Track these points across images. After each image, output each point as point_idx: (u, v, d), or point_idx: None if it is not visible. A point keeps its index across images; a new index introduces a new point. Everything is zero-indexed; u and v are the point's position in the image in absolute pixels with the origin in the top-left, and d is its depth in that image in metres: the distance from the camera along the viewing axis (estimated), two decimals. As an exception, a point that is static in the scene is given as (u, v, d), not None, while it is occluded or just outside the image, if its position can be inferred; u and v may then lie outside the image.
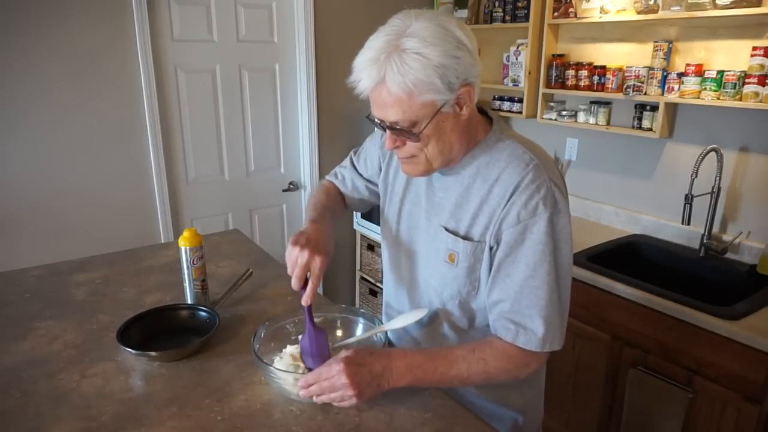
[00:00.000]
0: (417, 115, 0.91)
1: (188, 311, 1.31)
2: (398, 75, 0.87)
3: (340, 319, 1.22)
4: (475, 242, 1.01)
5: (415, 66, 0.86)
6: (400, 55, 0.87)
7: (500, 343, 0.99)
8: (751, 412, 1.60)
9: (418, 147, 0.96)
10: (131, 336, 1.19)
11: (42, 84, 2.19)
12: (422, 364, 0.96)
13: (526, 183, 0.96)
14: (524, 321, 0.97)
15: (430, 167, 1.00)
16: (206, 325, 1.26)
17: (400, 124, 0.93)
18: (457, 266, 1.04)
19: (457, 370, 0.96)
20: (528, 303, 0.96)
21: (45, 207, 2.30)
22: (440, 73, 0.88)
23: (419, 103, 0.90)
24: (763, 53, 1.80)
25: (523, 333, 0.97)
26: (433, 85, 0.88)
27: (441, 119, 0.94)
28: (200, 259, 1.33)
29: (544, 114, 2.60)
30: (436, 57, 0.87)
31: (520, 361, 0.99)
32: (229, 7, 2.57)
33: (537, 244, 0.95)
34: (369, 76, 0.90)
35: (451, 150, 0.99)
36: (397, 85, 0.88)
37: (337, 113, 2.95)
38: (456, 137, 0.98)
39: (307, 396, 0.95)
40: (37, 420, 0.97)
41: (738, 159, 2.07)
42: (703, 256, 2.11)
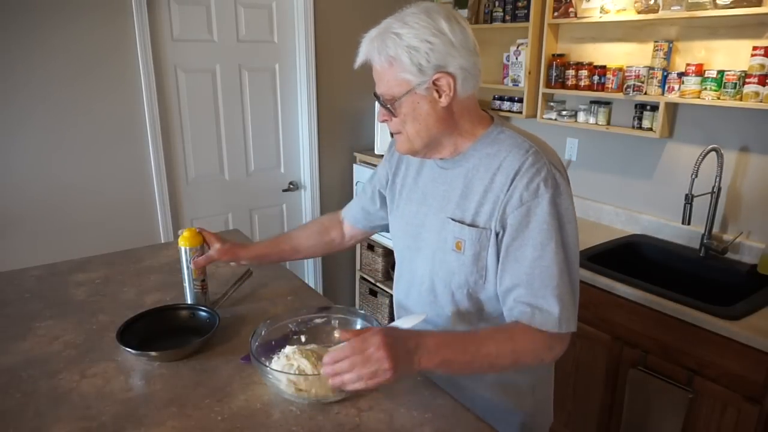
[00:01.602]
0: (394, 91, 1.01)
1: (188, 311, 1.31)
2: (376, 51, 0.99)
3: (338, 320, 1.22)
4: (480, 229, 1.03)
5: (389, 44, 0.98)
6: (383, 36, 0.99)
7: (522, 325, 0.99)
8: (751, 412, 1.60)
9: (399, 123, 1.04)
10: (131, 336, 1.19)
11: (42, 84, 2.19)
12: (451, 344, 0.95)
13: (527, 167, 0.99)
14: (539, 302, 0.97)
15: (412, 146, 1.07)
16: (206, 325, 1.26)
17: (383, 97, 1.03)
18: (463, 254, 1.05)
19: (487, 350, 0.95)
20: (540, 284, 0.97)
21: (45, 207, 2.30)
22: (410, 54, 0.96)
23: (395, 79, 0.99)
24: (763, 53, 1.79)
25: (539, 314, 0.97)
26: (402, 64, 0.97)
27: (415, 100, 1.01)
28: None
29: (544, 114, 2.60)
30: (408, 38, 0.96)
31: (544, 343, 0.98)
32: (229, 7, 2.57)
33: (542, 224, 0.97)
34: (361, 52, 1.03)
35: (428, 134, 1.04)
36: (378, 61, 1.00)
37: (337, 113, 2.95)
38: (434, 122, 1.03)
39: (331, 374, 0.88)
40: (37, 420, 0.97)
41: (738, 159, 2.07)
42: (703, 256, 2.11)
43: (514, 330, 0.99)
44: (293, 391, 0.99)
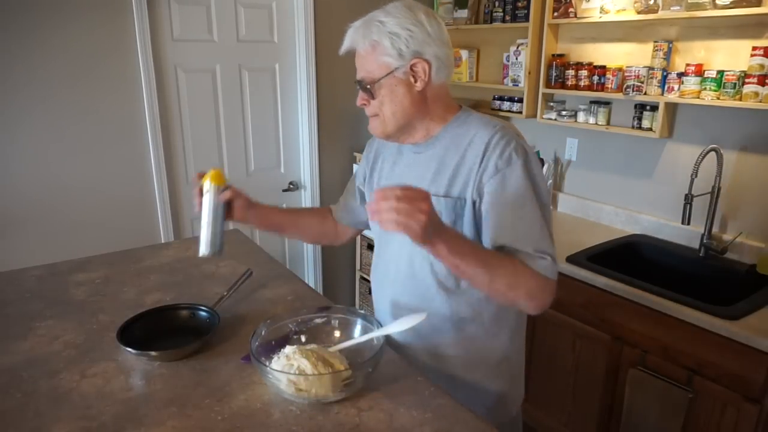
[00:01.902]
0: (374, 74, 1.10)
1: (188, 311, 1.31)
2: (363, 37, 1.10)
3: (338, 320, 1.22)
4: (454, 198, 1.11)
5: (373, 30, 1.08)
6: (368, 24, 1.10)
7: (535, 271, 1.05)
8: (751, 412, 1.61)
9: (377, 105, 1.13)
10: (131, 336, 1.19)
11: (42, 84, 2.19)
12: (468, 241, 1.04)
13: (497, 139, 1.09)
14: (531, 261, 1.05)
15: (386, 128, 1.15)
16: (206, 325, 1.26)
17: (364, 81, 1.12)
18: None
19: (493, 264, 1.02)
20: (525, 241, 1.05)
21: (45, 207, 2.30)
22: (391, 39, 1.07)
23: (376, 62, 1.09)
24: (762, 53, 1.80)
25: (530, 261, 1.05)
26: (385, 48, 1.08)
27: (393, 82, 1.10)
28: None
29: (544, 114, 2.60)
30: (390, 25, 1.07)
31: (538, 283, 1.05)
32: (229, 7, 2.57)
33: (518, 188, 1.06)
34: (348, 39, 1.14)
35: (403, 115, 1.13)
36: (362, 45, 1.11)
37: (337, 113, 2.95)
38: (409, 104, 1.12)
39: (382, 199, 0.90)
40: (37, 420, 0.97)
41: (738, 159, 2.07)
42: (703, 256, 2.11)
43: (518, 264, 1.05)
44: (293, 391, 1.00)
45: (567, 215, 2.69)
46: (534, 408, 2.32)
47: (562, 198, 2.73)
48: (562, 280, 2.07)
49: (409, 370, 1.13)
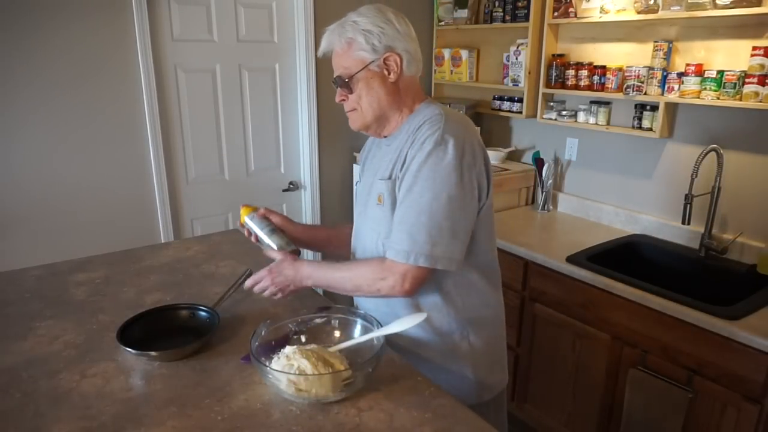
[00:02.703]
0: (351, 69, 1.19)
1: (188, 311, 1.31)
2: (337, 36, 1.20)
3: (338, 320, 1.22)
4: (392, 180, 1.20)
5: (348, 29, 1.18)
6: (343, 25, 1.20)
7: (375, 258, 1.21)
8: (751, 412, 1.60)
9: (355, 99, 1.22)
10: (131, 335, 1.19)
11: (42, 84, 2.19)
12: (315, 273, 1.24)
13: (427, 125, 1.16)
14: (393, 237, 1.14)
15: (364, 119, 1.24)
16: (206, 325, 1.26)
17: (342, 76, 1.20)
18: (383, 205, 1.21)
19: (336, 275, 1.22)
20: (398, 221, 1.14)
21: (45, 207, 2.30)
22: (365, 36, 1.17)
23: (352, 58, 1.19)
24: (763, 53, 1.80)
25: (390, 248, 1.14)
26: (359, 44, 1.17)
27: (369, 75, 1.19)
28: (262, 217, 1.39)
29: (544, 114, 2.60)
30: (363, 24, 1.17)
31: (378, 271, 1.15)
32: (229, 7, 2.57)
33: (412, 173, 1.13)
34: (324, 40, 1.23)
35: (380, 106, 1.22)
36: (338, 44, 1.20)
37: (337, 113, 2.95)
38: (384, 95, 1.21)
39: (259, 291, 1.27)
40: (37, 420, 0.97)
41: (738, 159, 2.07)
42: (703, 256, 2.11)
43: (360, 262, 1.24)
44: (293, 391, 1.00)
45: (567, 215, 2.69)
46: (534, 408, 2.32)
47: (562, 198, 2.73)
48: (562, 280, 2.08)
49: (409, 370, 1.13)
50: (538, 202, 2.75)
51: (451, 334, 1.25)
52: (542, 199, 2.72)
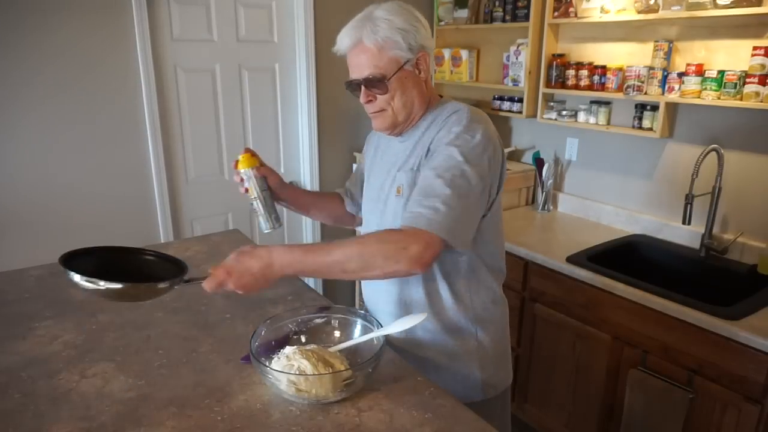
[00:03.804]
0: (385, 69, 1.14)
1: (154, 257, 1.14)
2: (372, 33, 1.13)
3: (338, 320, 1.22)
4: (414, 171, 1.18)
5: (384, 26, 1.13)
6: (373, 21, 1.14)
7: (385, 230, 1.09)
8: (751, 412, 1.60)
9: (386, 100, 1.18)
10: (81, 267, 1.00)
11: (42, 84, 2.19)
12: (301, 259, 1.04)
13: (454, 116, 1.16)
14: (413, 207, 1.08)
15: (395, 120, 1.20)
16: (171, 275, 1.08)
17: (372, 77, 1.15)
18: (402, 196, 1.19)
19: (334, 257, 1.04)
20: (421, 194, 1.09)
21: (45, 207, 2.29)
22: (402, 35, 1.13)
23: (387, 57, 1.14)
24: (763, 53, 1.79)
25: (409, 216, 1.07)
26: (397, 44, 1.13)
27: (404, 75, 1.16)
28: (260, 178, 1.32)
29: (545, 114, 2.60)
30: (399, 22, 1.13)
31: (399, 240, 1.03)
32: (229, 6, 2.56)
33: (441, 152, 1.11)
34: (349, 37, 1.16)
35: (412, 105, 1.20)
36: (371, 42, 1.13)
37: (337, 113, 2.95)
38: (416, 94, 1.20)
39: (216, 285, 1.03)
40: (37, 420, 0.97)
41: (738, 159, 2.07)
42: (703, 256, 2.11)
43: (370, 236, 1.09)
44: (293, 391, 0.99)
45: (567, 215, 2.69)
46: (534, 408, 2.32)
47: (562, 198, 2.73)
48: (562, 280, 2.08)
49: (409, 370, 1.13)
50: (538, 202, 2.75)
51: (462, 332, 1.24)
52: (542, 199, 2.71)
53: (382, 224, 1.25)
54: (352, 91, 1.22)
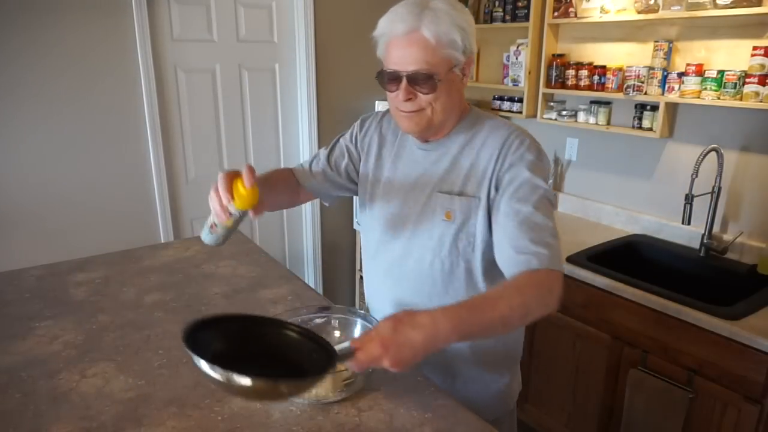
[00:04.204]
0: (436, 67, 1.04)
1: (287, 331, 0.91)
2: (433, 24, 1.01)
3: (338, 320, 1.22)
4: (469, 197, 1.11)
5: (446, 20, 1.02)
6: (434, 11, 1.02)
7: (523, 275, 1.00)
8: (751, 412, 1.60)
9: (428, 100, 1.07)
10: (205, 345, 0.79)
11: (42, 84, 2.19)
12: (467, 319, 0.89)
13: (512, 138, 1.11)
14: (531, 248, 1.01)
15: (431, 123, 1.11)
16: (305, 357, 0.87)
17: (420, 73, 1.04)
18: (453, 222, 1.12)
19: (500, 311, 0.93)
20: (532, 233, 1.03)
21: (45, 207, 2.30)
22: (461, 34, 1.04)
23: (440, 55, 1.03)
24: (763, 53, 1.79)
25: (534, 258, 1.00)
26: (454, 43, 1.04)
27: (452, 78, 1.08)
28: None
29: (544, 114, 2.60)
30: (459, 20, 1.04)
31: (545, 283, 0.99)
32: (229, 6, 2.56)
33: (528, 182, 1.06)
34: (403, 22, 1.02)
35: (452, 110, 1.13)
36: (430, 33, 1.01)
37: (337, 113, 2.95)
38: (457, 100, 1.13)
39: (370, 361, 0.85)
40: (37, 420, 0.97)
41: (738, 159, 2.07)
42: (703, 256, 2.11)
43: (519, 283, 0.99)
44: None
45: (567, 215, 2.69)
46: (534, 408, 2.32)
47: (562, 198, 2.73)
48: (562, 280, 2.08)
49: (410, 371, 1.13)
50: (538, 202, 2.74)
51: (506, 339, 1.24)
52: (542, 199, 2.71)
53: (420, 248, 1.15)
54: (386, 82, 1.10)
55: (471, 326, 0.89)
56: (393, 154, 1.25)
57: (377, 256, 1.26)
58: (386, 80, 1.09)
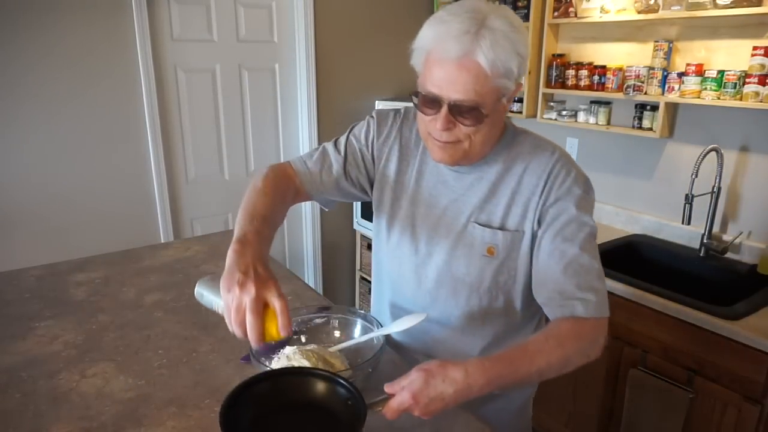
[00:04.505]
0: (485, 98, 0.92)
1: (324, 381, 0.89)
2: (491, 50, 0.87)
3: (338, 320, 1.22)
4: (512, 232, 1.03)
5: (506, 45, 0.88)
6: (493, 32, 0.88)
7: (566, 324, 0.95)
8: (751, 412, 1.60)
9: (468, 132, 0.96)
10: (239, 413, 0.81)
11: (41, 83, 2.19)
12: (502, 373, 0.87)
13: (558, 168, 1.02)
14: (576, 294, 0.96)
15: (466, 155, 1.01)
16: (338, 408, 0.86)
17: (466, 103, 0.92)
18: (496, 257, 1.04)
19: (538, 366, 0.89)
20: (578, 276, 0.96)
21: (45, 207, 2.30)
22: (519, 62, 0.91)
23: (492, 85, 0.91)
24: (763, 53, 1.79)
25: (579, 304, 0.95)
26: (509, 72, 0.91)
27: (499, 108, 0.96)
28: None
29: (544, 114, 2.60)
30: (520, 45, 0.90)
31: (589, 335, 0.95)
32: (229, 6, 2.56)
33: (576, 220, 0.99)
34: (458, 43, 0.88)
35: (492, 141, 1.03)
36: (486, 60, 0.88)
37: (337, 113, 2.95)
38: (497, 130, 1.03)
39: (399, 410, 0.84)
40: (37, 420, 0.97)
41: (738, 159, 2.07)
42: (703, 256, 2.11)
43: (560, 333, 0.94)
44: None
45: (567, 215, 2.69)
46: (534, 408, 2.32)
47: (562, 198, 2.73)
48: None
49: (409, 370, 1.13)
50: (538, 202, 2.75)
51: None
52: (542, 199, 2.71)
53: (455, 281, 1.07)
54: (423, 105, 0.97)
55: (505, 380, 0.87)
56: (416, 170, 1.13)
57: (401, 271, 1.16)
58: (422, 103, 0.96)
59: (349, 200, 1.29)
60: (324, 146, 1.23)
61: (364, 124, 1.21)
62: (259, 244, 0.93)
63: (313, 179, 1.18)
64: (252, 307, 0.81)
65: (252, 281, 0.84)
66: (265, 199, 1.05)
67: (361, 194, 1.23)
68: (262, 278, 0.85)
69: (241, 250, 0.90)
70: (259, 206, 1.03)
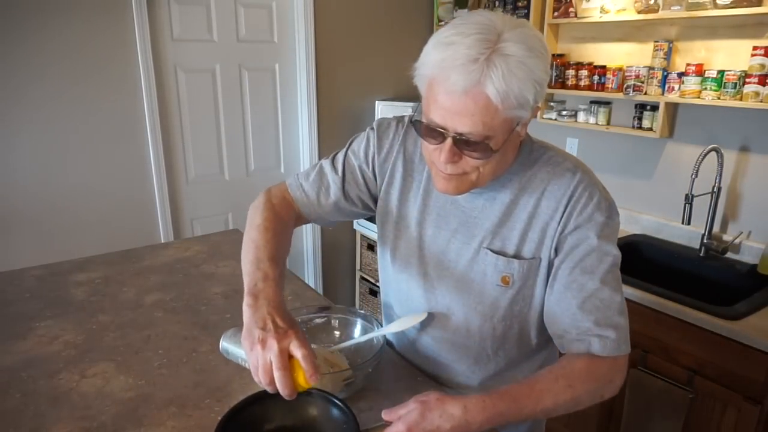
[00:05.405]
0: (495, 130, 0.82)
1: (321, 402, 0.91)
2: (502, 81, 0.77)
3: (338, 320, 1.22)
4: (528, 260, 0.96)
5: (520, 74, 0.78)
6: (506, 59, 0.77)
7: (580, 362, 0.90)
8: (751, 412, 1.60)
9: (475, 165, 0.87)
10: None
11: (42, 84, 2.19)
12: (504, 411, 0.82)
13: (580, 191, 0.93)
14: (594, 330, 0.90)
15: (474, 186, 0.92)
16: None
17: (473, 136, 0.82)
18: (511, 287, 0.98)
19: (543, 406, 0.86)
20: (596, 310, 0.90)
21: (45, 207, 2.30)
22: (536, 89, 0.80)
23: (503, 117, 0.81)
24: (763, 53, 1.79)
25: (597, 341, 0.89)
26: (524, 102, 0.80)
27: (512, 138, 0.87)
28: None
29: (544, 114, 2.60)
30: (538, 72, 0.80)
31: (605, 376, 0.90)
32: (229, 6, 2.57)
33: (596, 250, 0.91)
34: (466, 74, 0.77)
35: (502, 171, 0.94)
36: (497, 93, 0.78)
37: (337, 113, 2.95)
38: (510, 157, 0.93)
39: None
40: (37, 420, 0.97)
41: (738, 159, 2.07)
42: (703, 256, 2.11)
43: (571, 373, 0.89)
44: None
45: (567, 215, 2.69)
46: (534, 408, 2.32)
47: (562, 198, 2.73)
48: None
49: (409, 370, 1.13)
50: (538, 202, 2.75)
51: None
52: (542, 199, 2.71)
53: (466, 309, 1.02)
54: (425, 134, 0.88)
55: (507, 418, 0.82)
56: (422, 188, 1.05)
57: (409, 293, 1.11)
58: (425, 132, 0.87)
59: (352, 219, 1.21)
60: (321, 165, 1.14)
61: (363, 137, 1.11)
62: (271, 290, 0.89)
63: (311, 203, 1.12)
64: (278, 363, 0.79)
65: (272, 336, 0.80)
66: (267, 234, 1.00)
67: (364, 212, 1.16)
68: (282, 330, 0.82)
69: (255, 303, 0.87)
70: (262, 246, 0.98)
